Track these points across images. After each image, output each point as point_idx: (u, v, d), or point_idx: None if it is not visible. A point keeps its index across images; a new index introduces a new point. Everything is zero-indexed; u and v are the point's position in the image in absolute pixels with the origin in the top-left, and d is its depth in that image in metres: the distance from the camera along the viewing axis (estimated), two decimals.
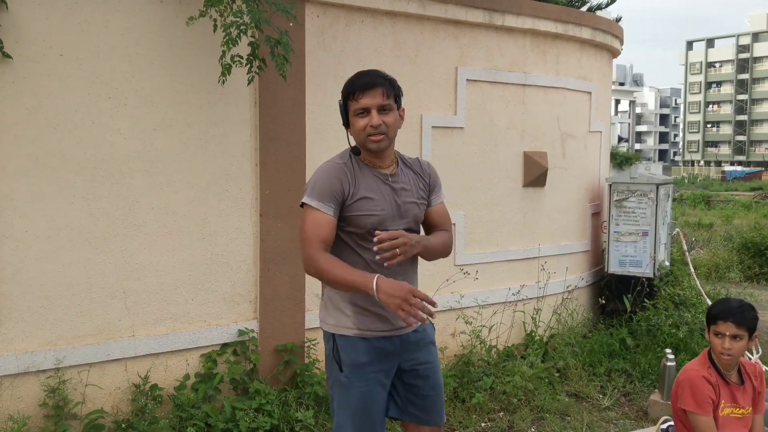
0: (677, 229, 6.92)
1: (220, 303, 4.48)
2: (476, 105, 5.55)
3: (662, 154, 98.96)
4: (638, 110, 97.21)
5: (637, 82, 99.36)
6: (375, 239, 2.45)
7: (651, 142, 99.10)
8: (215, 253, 4.44)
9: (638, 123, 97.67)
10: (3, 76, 3.70)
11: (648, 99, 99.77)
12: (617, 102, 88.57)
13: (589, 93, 6.49)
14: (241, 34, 3.68)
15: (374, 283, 2.37)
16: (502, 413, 4.89)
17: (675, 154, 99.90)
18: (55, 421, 3.88)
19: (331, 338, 2.65)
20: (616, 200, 6.45)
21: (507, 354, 5.63)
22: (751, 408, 3.18)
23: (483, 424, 4.74)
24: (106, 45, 3.99)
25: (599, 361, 5.66)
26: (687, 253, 6.87)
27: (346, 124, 2.63)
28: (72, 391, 3.97)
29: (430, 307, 2.38)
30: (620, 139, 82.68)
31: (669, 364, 4.88)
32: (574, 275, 6.35)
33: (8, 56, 3.65)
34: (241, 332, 4.50)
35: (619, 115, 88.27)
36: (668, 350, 4.92)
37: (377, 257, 2.46)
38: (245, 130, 4.47)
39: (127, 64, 4.06)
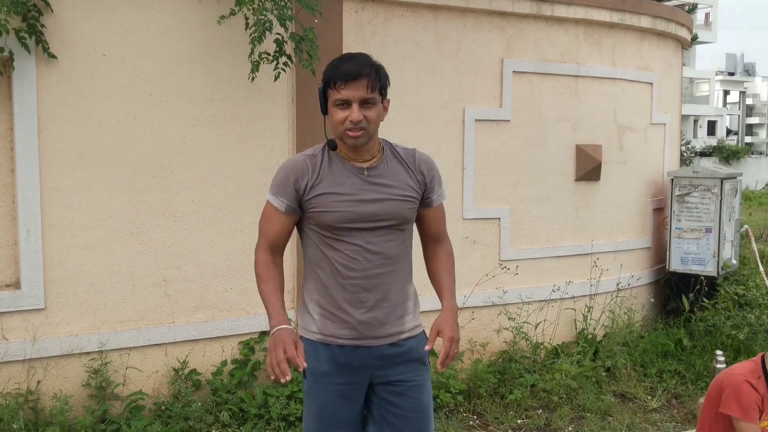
0: (746, 226, 6.57)
1: (258, 293, 4.60)
2: (524, 97, 5.47)
3: None
4: (749, 101, 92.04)
5: (749, 71, 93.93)
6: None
7: (763, 135, 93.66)
8: (253, 244, 4.54)
9: (749, 115, 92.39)
10: (49, 76, 3.95)
11: (761, 89, 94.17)
12: (726, 93, 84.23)
13: (651, 84, 6.25)
14: (266, 32, 3.78)
15: (272, 332, 2.26)
16: (540, 411, 4.81)
17: None
18: (98, 401, 4.12)
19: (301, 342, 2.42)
20: (678, 195, 6.19)
21: (555, 352, 5.53)
22: None
23: (519, 421, 4.68)
24: (147, 44, 4.19)
25: (651, 362, 5.47)
26: (756, 251, 6.51)
27: (325, 111, 2.38)
28: (114, 373, 4.20)
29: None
30: (729, 131, 78.64)
31: (719, 366, 4.65)
32: (632, 272, 6.15)
33: (53, 56, 3.90)
34: None
35: (728, 106, 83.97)
36: (719, 352, 4.69)
37: (440, 369, 2.39)
38: (282, 125, 4.58)
39: (167, 62, 4.25)
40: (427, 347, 2.42)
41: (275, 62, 3.95)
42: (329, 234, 2.37)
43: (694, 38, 7.03)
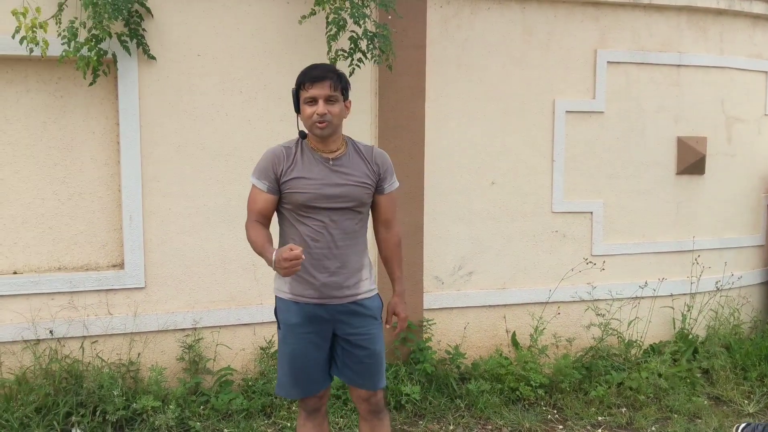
0: None
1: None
2: (619, 88, 5.32)
3: None
4: None
5: None
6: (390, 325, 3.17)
7: None
8: None
9: None
10: (149, 75, 4.33)
11: None
12: None
13: (765, 72, 5.87)
14: (341, 30, 3.94)
15: (272, 258, 2.63)
16: (625, 409, 4.69)
17: None
18: (191, 374, 4.48)
19: (275, 299, 3.04)
20: None
21: (650, 351, 5.35)
22: None
23: (600, 418, 4.59)
24: (238, 45, 4.48)
25: (753, 365, 5.17)
26: None
27: (297, 110, 2.89)
28: (206, 349, 4.55)
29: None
30: None
31: None
32: (740, 271, 5.82)
33: (153, 57, 4.27)
34: None
35: None
36: None
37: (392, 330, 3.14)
38: (366, 119, 4.74)
39: (256, 61, 4.53)
40: (387, 325, 3.15)
41: (350, 59, 4.11)
42: (300, 212, 2.86)
43: None
